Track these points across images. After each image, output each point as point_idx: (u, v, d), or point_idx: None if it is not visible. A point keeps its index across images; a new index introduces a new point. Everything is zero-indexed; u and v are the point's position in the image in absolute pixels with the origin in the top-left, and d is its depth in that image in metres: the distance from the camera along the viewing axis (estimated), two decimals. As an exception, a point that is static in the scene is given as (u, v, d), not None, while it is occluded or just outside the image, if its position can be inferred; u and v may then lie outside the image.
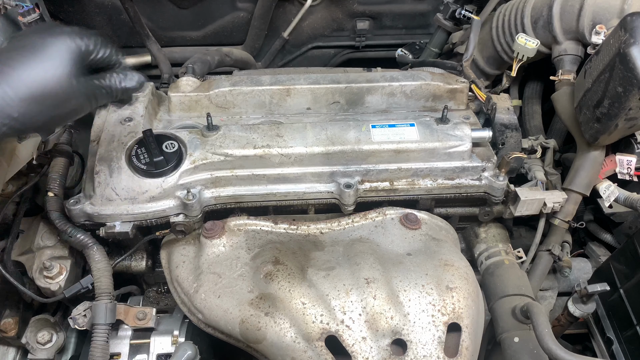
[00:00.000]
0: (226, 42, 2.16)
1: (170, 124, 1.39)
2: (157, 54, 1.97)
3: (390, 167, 1.28)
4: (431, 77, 1.47)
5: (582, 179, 1.45)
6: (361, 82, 1.44)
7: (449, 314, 1.06)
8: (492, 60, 1.79)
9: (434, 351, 1.02)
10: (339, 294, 1.06)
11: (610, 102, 1.26)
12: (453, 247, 1.25)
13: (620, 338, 1.41)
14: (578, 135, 1.48)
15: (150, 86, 1.41)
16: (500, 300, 1.37)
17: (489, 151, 1.35)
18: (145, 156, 1.20)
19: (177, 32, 2.15)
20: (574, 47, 1.53)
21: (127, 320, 1.20)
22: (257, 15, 2.07)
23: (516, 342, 1.29)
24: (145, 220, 1.21)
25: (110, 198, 1.19)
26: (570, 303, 1.38)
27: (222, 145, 1.24)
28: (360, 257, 1.14)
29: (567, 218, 1.49)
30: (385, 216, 1.30)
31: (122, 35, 2.14)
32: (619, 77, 1.20)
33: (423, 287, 1.08)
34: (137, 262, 1.41)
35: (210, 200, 1.25)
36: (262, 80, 1.44)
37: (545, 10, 1.55)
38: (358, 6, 2.14)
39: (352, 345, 1.02)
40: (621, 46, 1.18)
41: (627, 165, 1.43)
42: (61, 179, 1.30)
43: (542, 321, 1.17)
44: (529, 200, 1.34)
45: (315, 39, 2.24)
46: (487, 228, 1.52)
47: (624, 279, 1.39)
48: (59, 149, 1.34)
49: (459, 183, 1.31)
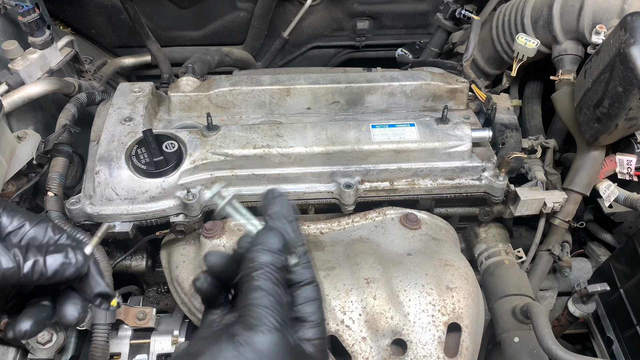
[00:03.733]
0: (226, 42, 2.16)
1: (170, 124, 1.39)
2: (157, 53, 1.97)
3: (390, 167, 1.28)
4: (431, 77, 1.47)
5: (582, 178, 1.45)
6: (361, 82, 1.43)
7: (449, 314, 1.06)
8: (492, 60, 1.79)
9: (434, 351, 1.02)
10: (339, 294, 1.06)
11: (610, 102, 1.25)
12: (453, 247, 1.25)
13: (620, 338, 1.41)
14: (578, 135, 1.48)
15: (150, 86, 1.41)
16: (500, 300, 1.37)
17: (489, 151, 1.35)
18: (145, 156, 1.20)
19: (177, 32, 2.15)
20: (574, 46, 1.53)
21: (127, 320, 1.20)
22: (257, 15, 2.07)
23: (516, 342, 1.29)
24: (145, 220, 1.21)
25: (110, 198, 1.19)
26: (570, 303, 1.38)
27: (222, 145, 1.24)
28: (360, 257, 1.14)
29: (567, 218, 1.49)
30: (385, 216, 1.30)
31: (122, 35, 2.14)
32: (619, 77, 1.20)
33: (423, 287, 1.08)
34: (137, 262, 1.40)
35: (210, 200, 1.25)
36: (262, 80, 1.44)
37: (546, 10, 1.55)
38: (358, 6, 2.14)
39: (352, 345, 1.02)
40: (621, 46, 1.18)
41: (627, 165, 1.43)
42: (61, 179, 1.30)
43: (542, 321, 1.17)
44: (529, 200, 1.34)
45: (315, 38, 2.24)
46: (487, 228, 1.52)
47: (624, 278, 1.39)
48: (58, 148, 1.33)
49: (459, 183, 1.31)
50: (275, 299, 0.53)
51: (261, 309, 0.52)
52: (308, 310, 0.58)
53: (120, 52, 2.18)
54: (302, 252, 0.61)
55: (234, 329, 0.52)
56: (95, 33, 2.13)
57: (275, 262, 0.56)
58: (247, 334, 0.50)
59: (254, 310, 0.52)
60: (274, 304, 0.53)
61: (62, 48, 1.58)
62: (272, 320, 0.52)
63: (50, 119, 1.54)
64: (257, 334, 0.50)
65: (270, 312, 0.52)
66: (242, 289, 0.54)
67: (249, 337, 0.50)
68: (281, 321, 0.52)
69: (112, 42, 2.17)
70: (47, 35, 1.49)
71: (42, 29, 1.48)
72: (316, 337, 0.57)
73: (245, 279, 0.55)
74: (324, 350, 0.59)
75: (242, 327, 0.51)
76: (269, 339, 0.51)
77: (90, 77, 1.79)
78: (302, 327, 0.57)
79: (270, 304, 0.53)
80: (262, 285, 0.54)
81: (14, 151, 1.34)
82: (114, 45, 2.19)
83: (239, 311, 0.54)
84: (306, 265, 0.60)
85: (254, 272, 0.55)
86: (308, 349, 0.56)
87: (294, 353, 0.54)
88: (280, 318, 0.52)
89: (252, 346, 0.50)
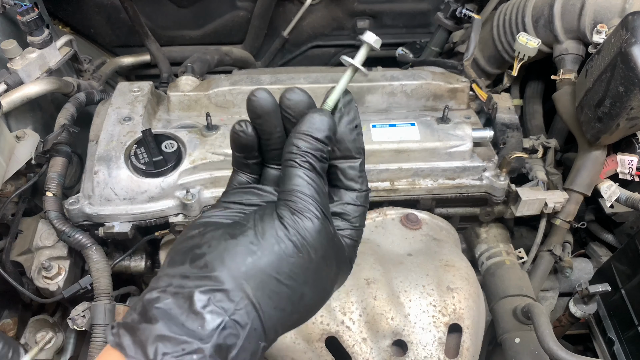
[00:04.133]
0: (226, 41, 2.15)
1: (170, 124, 1.39)
2: (156, 53, 1.96)
3: (391, 166, 1.28)
4: (432, 77, 1.46)
5: (584, 178, 1.45)
6: (361, 81, 1.43)
7: (450, 315, 1.05)
8: (493, 59, 1.79)
9: (434, 352, 1.02)
10: (339, 295, 1.06)
11: (611, 102, 1.25)
12: (454, 248, 1.25)
13: (622, 338, 1.40)
14: (579, 134, 1.47)
15: (149, 86, 1.41)
16: (501, 300, 1.37)
17: (490, 151, 1.35)
18: (145, 156, 1.20)
19: (177, 32, 2.14)
20: (575, 46, 1.53)
21: (126, 320, 1.19)
22: (256, 14, 2.07)
23: (517, 343, 1.29)
24: (145, 221, 1.21)
25: (109, 198, 1.19)
26: (572, 303, 1.37)
27: (221, 145, 1.24)
28: (361, 257, 1.13)
29: (569, 218, 1.48)
30: (385, 216, 1.30)
31: (121, 34, 2.14)
32: (621, 76, 1.19)
33: (424, 288, 1.08)
34: (136, 263, 1.40)
35: (210, 200, 1.24)
36: (262, 80, 1.43)
37: (547, 9, 1.54)
38: (358, 5, 2.14)
39: (353, 346, 1.01)
40: (622, 45, 1.17)
41: (628, 165, 1.43)
42: (60, 179, 1.29)
43: (543, 322, 1.17)
44: (530, 200, 1.34)
45: (315, 38, 2.23)
46: (488, 228, 1.51)
47: (626, 279, 1.38)
48: (57, 148, 1.33)
49: (459, 183, 1.30)
50: (316, 188, 0.55)
51: (305, 197, 0.54)
52: (353, 214, 0.61)
53: (120, 52, 2.17)
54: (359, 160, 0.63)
55: (280, 210, 0.54)
56: (94, 32, 2.13)
57: (320, 150, 0.57)
58: (294, 218, 0.53)
59: (299, 196, 0.54)
60: (315, 194, 0.55)
61: (61, 47, 1.58)
62: (316, 209, 0.54)
63: (49, 119, 1.53)
64: (303, 220, 0.53)
65: (314, 200, 0.54)
66: (285, 172, 0.56)
67: (294, 222, 0.53)
68: (324, 210, 0.55)
69: (111, 41, 2.17)
70: (46, 35, 1.48)
71: (41, 28, 1.47)
72: (352, 238, 0.60)
73: (287, 163, 0.56)
74: (355, 252, 0.62)
75: (289, 211, 0.53)
76: (313, 226, 0.53)
77: (89, 76, 1.78)
78: (343, 224, 0.60)
79: (313, 192, 0.55)
80: (304, 174, 0.55)
81: (13, 151, 1.33)
82: (113, 45, 2.18)
83: (281, 194, 0.55)
84: (362, 175, 0.63)
85: (297, 159, 0.56)
86: (345, 241, 0.59)
87: (333, 242, 0.56)
88: (322, 207, 0.55)
89: (298, 230, 0.52)
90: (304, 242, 0.52)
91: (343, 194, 0.61)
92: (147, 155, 1.19)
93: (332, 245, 0.56)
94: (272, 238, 0.52)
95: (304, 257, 0.52)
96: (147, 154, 1.19)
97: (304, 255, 0.52)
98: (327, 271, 0.56)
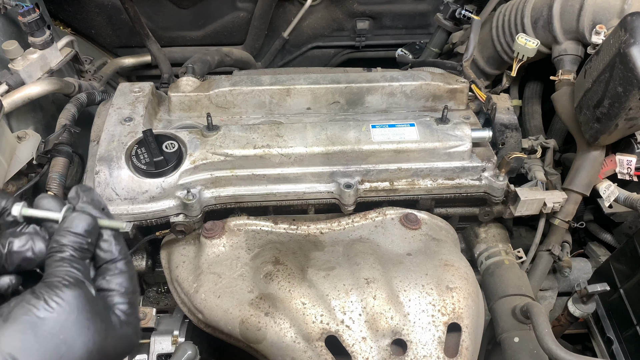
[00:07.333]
0: (226, 42, 2.16)
1: (170, 124, 1.39)
2: (157, 53, 1.97)
3: (390, 167, 1.28)
4: (431, 77, 1.47)
5: (582, 179, 1.45)
6: (361, 82, 1.43)
7: (449, 314, 1.06)
8: (492, 60, 1.79)
9: (434, 351, 1.02)
10: (339, 294, 1.06)
11: (610, 102, 1.25)
12: (453, 247, 1.25)
13: (620, 338, 1.41)
14: (578, 135, 1.48)
15: (150, 86, 1.41)
16: (500, 300, 1.37)
17: (489, 151, 1.35)
18: (145, 156, 1.20)
19: (177, 32, 2.15)
20: (574, 47, 1.53)
21: (127, 320, 1.20)
22: (257, 15, 2.07)
23: (516, 342, 1.29)
24: (145, 221, 1.21)
25: (110, 198, 1.19)
26: (570, 303, 1.38)
27: (222, 145, 1.24)
28: (360, 257, 1.14)
29: (567, 218, 1.49)
30: (385, 216, 1.30)
31: (122, 35, 2.14)
32: (619, 77, 1.20)
33: (423, 287, 1.08)
34: (137, 262, 1.40)
35: (210, 200, 1.25)
36: (262, 80, 1.44)
37: (545, 10, 1.55)
38: (358, 6, 2.14)
39: (352, 345, 1.02)
40: (621, 46, 1.18)
41: (627, 165, 1.43)
42: (61, 179, 1.30)
43: (542, 321, 1.17)
44: (529, 200, 1.34)
45: (315, 39, 2.24)
46: (487, 228, 1.52)
47: (624, 278, 1.39)
48: (58, 148, 1.34)
49: (459, 183, 1.31)
50: (76, 267, 0.60)
51: (61, 270, 0.59)
52: (117, 281, 0.65)
53: (120, 52, 2.18)
54: (113, 234, 0.68)
55: (36, 288, 0.58)
56: (95, 33, 2.13)
57: (79, 243, 0.62)
58: (48, 290, 0.57)
59: (56, 271, 0.59)
60: (74, 265, 0.60)
61: (62, 48, 1.58)
62: (72, 276, 0.59)
63: (50, 119, 1.54)
64: (59, 289, 0.57)
65: (70, 270, 0.59)
66: (46, 268, 0.60)
67: (48, 294, 0.57)
68: (81, 276, 0.60)
69: (112, 42, 2.18)
70: (47, 36, 1.49)
71: (42, 29, 1.48)
72: (123, 302, 0.64)
73: (49, 258, 0.61)
74: (135, 318, 0.65)
75: (44, 286, 0.58)
76: (70, 292, 0.58)
77: (90, 77, 1.79)
78: (112, 294, 0.64)
79: (70, 265, 0.60)
80: (64, 257, 0.60)
81: (14, 151, 1.34)
82: (114, 46, 2.19)
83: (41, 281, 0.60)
84: (116, 244, 0.67)
85: (57, 252, 0.61)
86: (116, 312, 0.63)
87: (94, 304, 0.60)
88: (80, 274, 0.60)
89: (53, 300, 0.56)
90: (63, 307, 0.56)
91: (106, 268, 0.66)
92: (148, 156, 1.20)
93: (92, 308, 0.59)
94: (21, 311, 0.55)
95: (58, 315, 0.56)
96: (148, 154, 1.20)
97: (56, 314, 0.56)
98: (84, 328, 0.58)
